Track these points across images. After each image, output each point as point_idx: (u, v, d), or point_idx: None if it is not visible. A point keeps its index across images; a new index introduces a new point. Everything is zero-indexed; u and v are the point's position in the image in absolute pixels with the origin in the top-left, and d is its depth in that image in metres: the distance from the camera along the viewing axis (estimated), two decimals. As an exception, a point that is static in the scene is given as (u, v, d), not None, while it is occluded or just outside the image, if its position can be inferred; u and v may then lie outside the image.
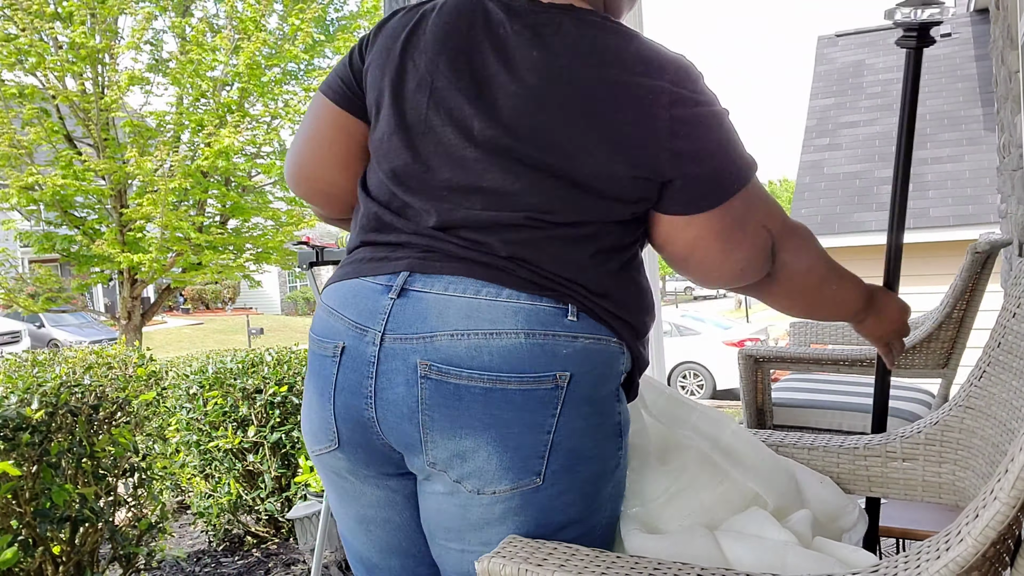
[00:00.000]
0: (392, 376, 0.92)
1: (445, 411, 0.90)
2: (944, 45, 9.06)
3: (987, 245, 2.18)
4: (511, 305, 0.91)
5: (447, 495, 0.95)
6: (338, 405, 0.97)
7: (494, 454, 0.91)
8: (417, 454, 0.94)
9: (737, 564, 1.00)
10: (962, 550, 0.71)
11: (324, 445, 1.01)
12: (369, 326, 0.94)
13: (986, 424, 1.17)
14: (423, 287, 0.93)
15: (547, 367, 0.90)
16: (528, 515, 0.93)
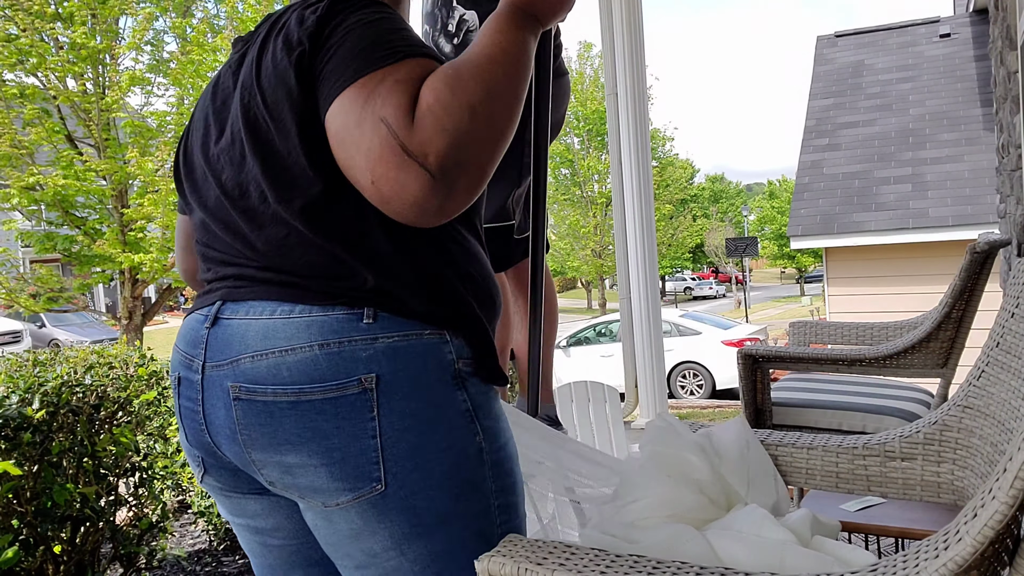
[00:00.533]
0: (214, 401, 0.96)
1: (261, 429, 0.93)
2: (944, 45, 9.06)
3: (986, 245, 2.18)
4: (303, 320, 0.92)
5: (309, 511, 0.97)
6: (188, 433, 1.02)
7: (321, 467, 0.91)
8: (255, 473, 0.97)
9: (735, 563, 1.00)
10: (960, 549, 0.71)
11: (199, 472, 1.05)
12: (194, 356, 0.99)
13: (985, 424, 1.17)
14: (231, 314, 0.97)
15: (348, 373, 0.90)
16: (393, 519, 0.93)
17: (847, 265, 7.73)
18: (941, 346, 2.32)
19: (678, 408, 8.79)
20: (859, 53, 9.56)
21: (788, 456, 1.36)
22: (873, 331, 2.83)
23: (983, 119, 7.90)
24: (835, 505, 1.87)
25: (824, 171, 8.34)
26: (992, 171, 7.13)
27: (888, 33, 9.70)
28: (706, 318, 12.63)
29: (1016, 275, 1.18)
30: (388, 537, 0.94)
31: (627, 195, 4.34)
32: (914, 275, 7.32)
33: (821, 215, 7.84)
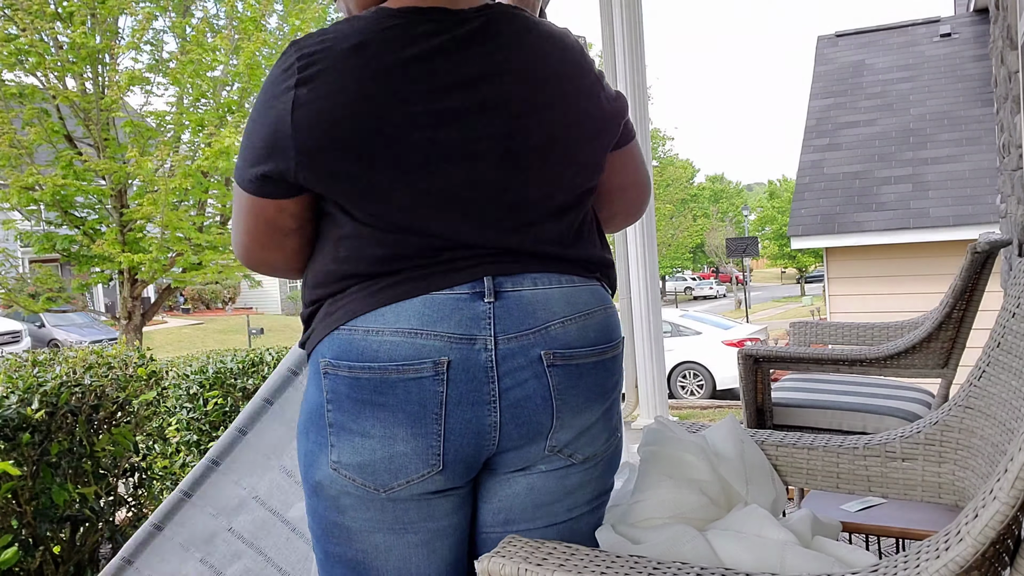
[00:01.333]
0: (517, 374, 0.97)
1: (573, 391, 1.00)
2: (944, 45, 9.06)
3: (987, 245, 2.18)
4: (588, 288, 1.05)
5: (546, 474, 1.02)
6: (451, 423, 0.95)
7: (602, 420, 1.05)
8: (537, 443, 1.00)
9: (735, 563, 1.00)
10: (961, 550, 0.71)
11: (419, 473, 0.97)
12: (475, 334, 0.96)
13: (986, 424, 1.17)
14: (513, 287, 0.99)
15: (617, 333, 1.08)
16: (608, 470, 1.09)
17: (847, 265, 7.73)
18: (942, 346, 2.32)
19: (678, 408, 8.79)
20: (859, 53, 9.56)
21: (788, 456, 1.35)
22: (873, 331, 2.83)
23: (983, 119, 7.90)
24: (836, 505, 1.86)
25: (824, 171, 8.34)
26: (992, 171, 7.13)
27: (888, 33, 9.70)
28: (706, 318, 12.63)
29: (1017, 275, 1.18)
30: (597, 489, 1.08)
31: (627, 195, 4.34)
32: (914, 275, 7.32)
33: (821, 215, 7.84)
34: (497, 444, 0.98)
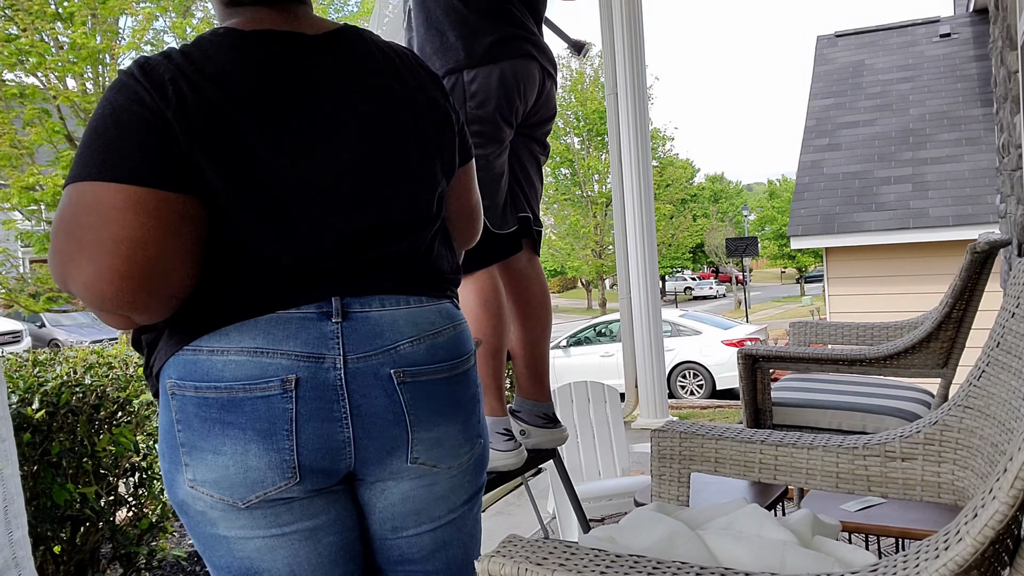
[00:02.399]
0: (366, 392, 1.00)
1: (425, 405, 1.05)
2: (944, 45, 9.06)
3: (987, 245, 2.18)
4: (433, 308, 1.11)
5: (415, 482, 1.07)
6: (303, 438, 0.97)
7: (460, 431, 1.10)
8: (397, 456, 1.04)
9: (735, 563, 1.00)
10: (961, 549, 0.71)
11: (276, 486, 0.98)
12: (324, 353, 0.99)
13: (985, 424, 1.17)
14: (361, 307, 1.03)
15: (467, 348, 1.15)
16: (478, 472, 1.16)
17: (847, 265, 7.73)
18: (941, 346, 2.32)
19: (678, 408, 8.79)
20: (859, 53, 9.56)
21: (788, 456, 1.35)
22: (873, 331, 2.83)
23: (983, 119, 7.90)
24: (835, 505, 1.86)
25: (824, 171, 8.34)
26: (992, 171, 7.13)
27: (888, 33, 9.70)
28: (706, 318, 12.63)
29: (1016, 275, 1.18)
30: (469, 490, 1.15)
31: (627, 195, 4.34)
32: (914, 275, 7.32)
33: (821, 215, 7.84)
34: (355, 457, 1.01)
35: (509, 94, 1.73)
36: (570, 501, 2.07)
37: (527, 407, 1.94)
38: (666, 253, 31.03)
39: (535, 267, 1.94)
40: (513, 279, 1.90)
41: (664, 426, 1.52)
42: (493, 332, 1.74)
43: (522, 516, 3.50)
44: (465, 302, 1.76)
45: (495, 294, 1.75)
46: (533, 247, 1.93)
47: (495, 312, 1.74)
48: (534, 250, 1.94)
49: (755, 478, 1.39)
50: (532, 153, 1.91)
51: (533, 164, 1.92)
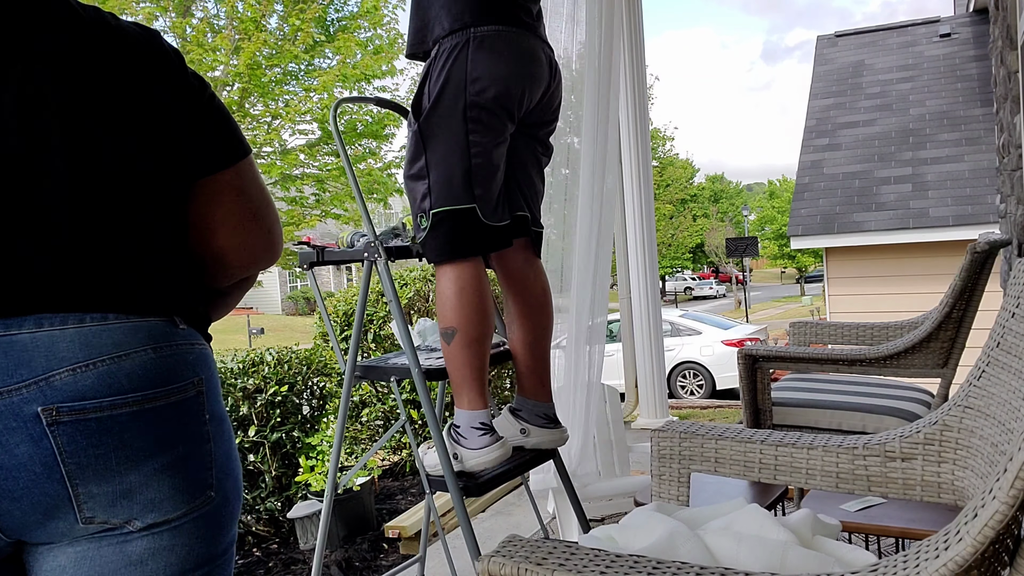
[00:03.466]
0: (3, 439, 0.78)
1: (94, 451, 0.81)
2: (944, 45, 9.07)
3: (987, 245, 2.18)
4: (124, 325, 0.88)
5: (97, 542, 0.84)
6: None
7: (166, 480, 0.86)
8: (63, 516, 0.82)
9: (736, 563, 1.00)
10: (960, 549, 0.71)
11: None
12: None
13: (985, 424, 1.17)
14: (6, 330, 0.81)
15: (184, 374, 0.90)
16: (204, 533, 0.90)
17: (847, 265, 7.73)
18: (941, 346, 2.32)
19: (678, 408, 8.79)
20: (859, 53, 9.56)
21: (788, 456, 1.35)
22: (873, 331, 2.83)
23: (983, 119, 7.90)
24: (835, 505, 1.86)
25: (824, 171, 8.35)
26: (992, 171, 7.13)
27: (888, 33, 9.70)
28: (706, 318, 12.64)
29: (1016, 275, 1.18)
30: (190, 561, 0.89)
31: (627, 195, 4.34)
32: (914, 275, 7.32)
33: (821, 215, 7.84)
34: (1, 527, 0.81)
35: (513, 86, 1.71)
36: (570, 501, 2.07)
37: (528, 406, 1.94)
38: (666, 253, 31.02)
39: (534, 268, 1.93)
40: (511, 279, 1.90)
41: (664, 426, 1.52)
42: (468, 322, 1.71)
43: (522, 516, 3.50)
44: (440, 290, 1.74)
45: (474, 283, 1.72)
46: (532, 248, 1.91)
47: (471, 301, 1.71)
48: (534, 252, 1.92)
49: (755, 478, 1.39)
50: (534, 153, 1.89)
51: (534, 164, 1.90)
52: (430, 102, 1.70)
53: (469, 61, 1.67)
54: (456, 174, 1.69)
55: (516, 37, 1.72)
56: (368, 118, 10.56)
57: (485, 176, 1.71)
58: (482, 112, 1.68)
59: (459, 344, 1.72)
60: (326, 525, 1.99)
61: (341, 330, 4.83)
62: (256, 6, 9.76)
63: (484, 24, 1.68)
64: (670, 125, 37.32)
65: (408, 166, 1.77)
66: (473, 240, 1.72)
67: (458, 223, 1.70)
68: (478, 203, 1.71)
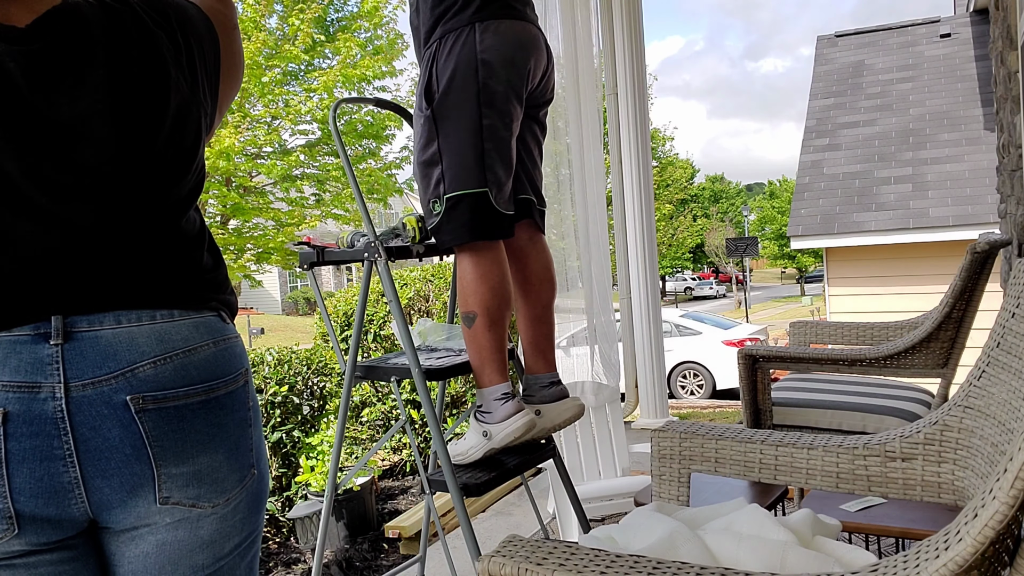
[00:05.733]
0: (96, 423, 0.87)
1: (174, 436, 0.91)
2: (944, 45, 9.06)
3: (987, 245, 2.18)
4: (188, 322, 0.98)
5: (174, 527, 0.94)
6: (17, 482, 0.84)
7: (225, 461, 0.97)
8: (143, 495, 0.90)
9: (736, 563, 1.00)
10: (961, 549, 0.71)
11: (3, 535, 0.85)
12: (39, 381, 0.85)
13: (985, 424, 1.17)
14: (90, 326, 0.89)
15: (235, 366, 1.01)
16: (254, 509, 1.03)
17: (847, 265, 7.73)
18: (941, 346, 2.32)
19: (678, 408, 8.79)
20: (859, 53, 9.56)
21: (788, 456, 1.36)
22: (873, 331, 2.83)
23: (983, 119, 7.90)
24: (835, 505, 1.86)
25: (824, 171, 8.34)
26: (992, 171, 7.13)
27: (888, 33, 9.70)
28: (706, 318, 12.63)
29: (1017, 275, 1.18)
30: (241, 533, 1.01)
31: (627, 195, 4.34)
32: (914, 275, 7.32)
33: (821, 215, 7.84)
34: (89, 502, 0.88)
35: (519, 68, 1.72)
36: (570, 501, 2.07)
37: (532, 382, 1.95)
38: (666, 253, 31.02)
39: (537, 245, 1.95)
40: (514, 257, 1.92)
41: (664, 426, 1.52)
42: (489, 305, 1.74)
43: (522, 516, 3.50)
44: (461, 274, 1.77)
45: (495, 267, 1.75)
46: (536, 225, 1.94)
47: (493, 285, 1.74)
48: (537, 228, 1.94)
49: (755, 478, 1.39)
50: (533, 133, 1.91)
51: (535, 144, 1.93)
52: (440, 87, 1.71)
53: (478, 44, 1.69)
54: (470, 157, 1.70)
55: (515, 23, 1.74)
56: (368, 119, 10.56)
57: (498, 160, 1.73)
58: (495, 96, 1.70)
59: (481, 326, 1.75)
60: (326, 525, 1.99)
61: (341, 330, 4.83)
62: (256, 6, 9.76)
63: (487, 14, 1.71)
64: (670, 125, 37.34)
65: (420, 152, 1.77)
66: (486, 224, 1.73)
67: (472, 206, 1.72)
68: (490, 187, 1.72)
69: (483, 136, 1.70)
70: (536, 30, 1.80)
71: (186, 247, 0.99)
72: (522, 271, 1.93)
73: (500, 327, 1.77)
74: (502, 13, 1.72)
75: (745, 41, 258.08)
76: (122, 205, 0.92)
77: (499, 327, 1.76)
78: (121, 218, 0.92)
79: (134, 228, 0.93)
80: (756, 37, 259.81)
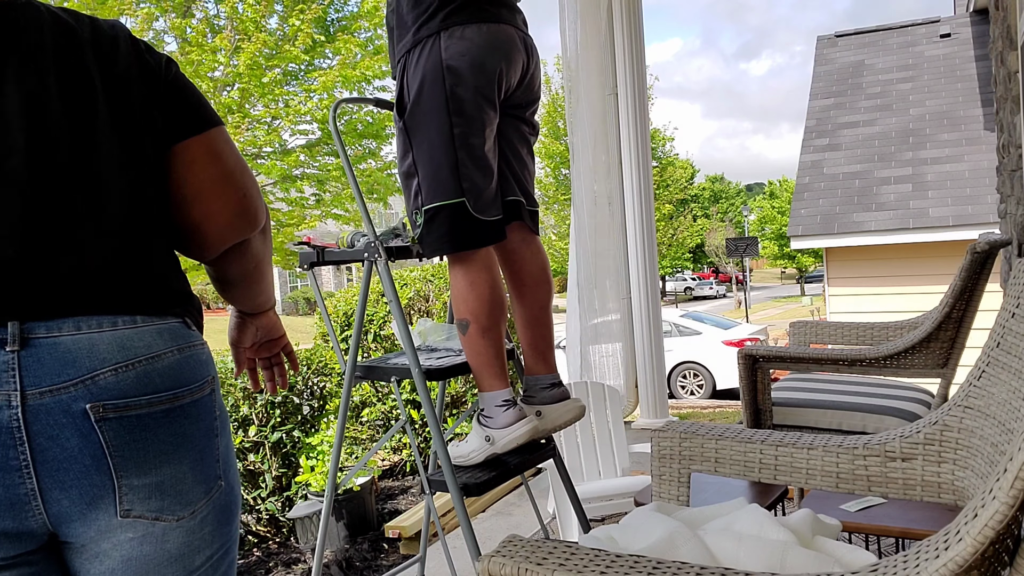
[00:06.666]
0: (54, 432, 0.85)
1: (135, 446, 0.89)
2: (944, 45, 9.06)
3: (986, 245, 2.18)
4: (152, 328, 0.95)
5: (139, 541, 0.91)
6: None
7: (189, 472, 0.94)
8: (103, 507, 0.88)
9: (735, 563, 1.00)
10: (961, 549, 0.71)
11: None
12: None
13: (985, 424, 1.17)
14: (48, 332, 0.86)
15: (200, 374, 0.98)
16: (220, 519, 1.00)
17: (847, 265, 7.73)
18: (941, 346, 2.32)
19: (678, 408, 8.79)
20: (859, 53, 9.56)
21: (788, 456, 1.36)
22: (873, 331, 2.83)
23: (983, 119, 7.90)
24: (835, 505, 1.87)
25: (824, 171, 8.34)
26: (992, 171, 7.13)
27: (888, 33, 9.70)
28: (706, 318, 12.63)
29: (1016, 275, 1.18)
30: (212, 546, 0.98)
31: (627, 195, 4.34)
32: (914, 275, 7.32)
33: (821, 215, 7.84)
34: (47, 514, 0.86)
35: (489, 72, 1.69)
36: (570, 501, 2.07)
37: (532, 383, 1.95)
38: (666, 253, 31.01)
39: (531, 246, 1.93)
40: (507, 259, 1.91)
41: (664, 426, 1.52)
42: (480, 312, 1.74)
43: (522, 516, 3.50)
44: (453, 283, 1.78)
45: (482, 273, 1.74)
46: (528, 227, 1.92)
47: (482, 294, 1.74)
48: (530, 229, 1.92)
49: (755, 478, 1.39)
50: (520, 133, 1.89)
51: (523, 144, 1.90)
52: (411, 98, 1.70)
53: (443, 52, 1.67)
54: (444, 167, 1.69)
55: (485, 27, 1.70)
56: (368, 119, 10.56)
57: (473, 168, 1.71)
58: (463, 103, 1.67)
59: (475, 333, 1.76)
60: (326, 525, 1.99)
61: (341, 330, 4.83)
62: (256, 6, 9.76)
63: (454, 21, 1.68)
64: (670, 125, 37.32)
65: (400, 163, 1.78)
66: (466, 234, 1.72)
67: (451, 217, 1.71)
68: (467, 196, 1.70)
69: (455, 145, 1.68)
70: (512, 30, 1.76)
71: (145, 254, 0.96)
72: (516, 274, 1.92)
73: (494, 332, 1.77)
74: (471, 18, 1.68)
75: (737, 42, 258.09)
76: (50, 213, 0.87)
77: (493, 333, 1.77)
78: (56, 225, 0.88)
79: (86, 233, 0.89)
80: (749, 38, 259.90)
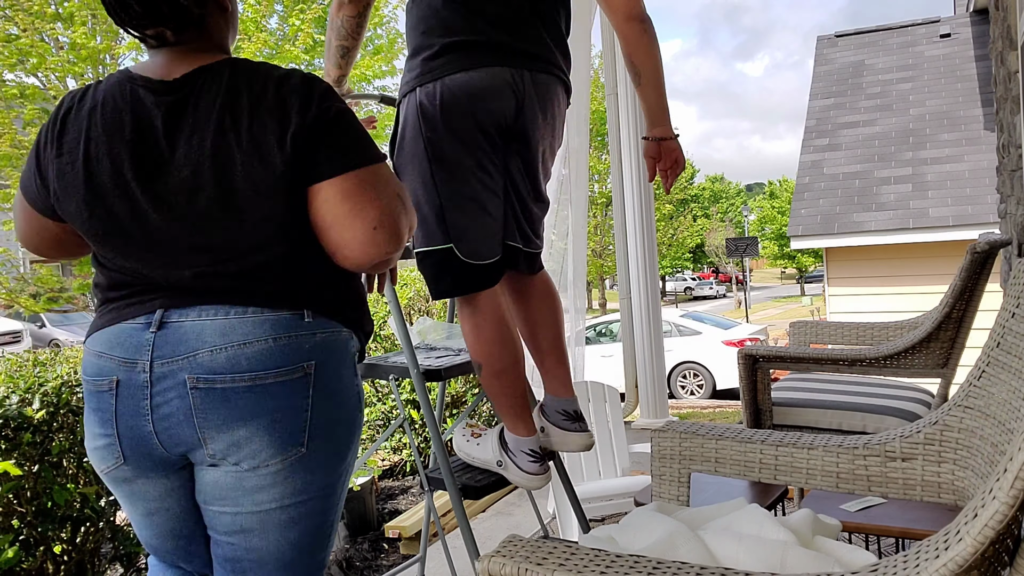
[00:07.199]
0: (166, 394, 1.14)
1: (216, 412, 1.14)
2: (944, 45, 9.06)
3: (987, 245, 2.18)
4: (256, 319, 1.16)
5: (226, 472, 1.18)
6: (121, 429, 1.18)
7: (264, 437, 1.15)
8: (200, 450, 1.17)
9: (735, 563, 1.00)
10: (961, 549, 0.71)
11: (111, 464, 1.21)
12: (137, 359, 1.15)
13: (985, 424, 1.17)
14: (179, 318, 1.15)
15: (293, 360, 1.16)
16: (291, 474, 1.18)
17: (847, 265, 7.73)
18: (941, 346, 2.32)
19: (678, 408, 8.79)
20: (859, 53, 9.56)
21: (788, 456, 1.36)
22: (873, 331, 2.83)
23: (983, 119, 7.90)
24: (835, 505, 1.87)
25: (824, 171, 8.34)
26: (992, 171, 7.13)
27: (888, 33, 9.70)
28: (706, 318, 12.63)
29: (1016, 275, 1.18)
30: (286, 493, 1.18)
31: (627, 195, 4.34)
32: (914, 275, 7.32)
33: (821, 215, 7.84)
34: (164, 447, 1.18)
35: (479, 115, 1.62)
36: (570, 501, 2.07)
37: (551, 401, 1.88)
38: (666, 253, 31.02)
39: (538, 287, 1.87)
40: (515, 298, 1.86)
41: (664, 426, 1.52)
42: (488, 355, 1.70)
43: (522, 516, 3.50)
44: (460, 322, 1.74)
45: (488, 316, 1.69)
46: (528, 268, 1.83)
47: (487, 336, 1.69)
48: (529, 270, 1.84)
49: (755, 478, 1.39)
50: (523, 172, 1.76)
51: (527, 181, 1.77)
52: (397, 141, 1.69)
53: (424, 101, 1.62)
54: (428, 213, 1.65)
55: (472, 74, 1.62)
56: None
57: (459, 213, 1.65)
58: (443, 151, 1.62)
59: (488, 375, 1.72)
60: (326, 525, 1.98)
61: (341, 330, 4.81)
62: (256, 6, 9.75)
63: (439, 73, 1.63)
64: (670, 125, 37.11)
65: None
66: (456, 279, 1.68)
67: (438, 263, 1.67)
68: (454, 243, 1.65)
69: (437, 191, 1.64)
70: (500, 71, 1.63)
71: (268, 264, 1.17)
72: (524, 310, 1.87)
73: (508, 375, 1.72)
74: (457, 66, 1.61)
75: (733, 43, 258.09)
76: (209, 232, 1.15)
77: (506, 376, 1.72)
78: (210, 239, 1.15)
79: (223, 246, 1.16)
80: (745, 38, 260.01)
